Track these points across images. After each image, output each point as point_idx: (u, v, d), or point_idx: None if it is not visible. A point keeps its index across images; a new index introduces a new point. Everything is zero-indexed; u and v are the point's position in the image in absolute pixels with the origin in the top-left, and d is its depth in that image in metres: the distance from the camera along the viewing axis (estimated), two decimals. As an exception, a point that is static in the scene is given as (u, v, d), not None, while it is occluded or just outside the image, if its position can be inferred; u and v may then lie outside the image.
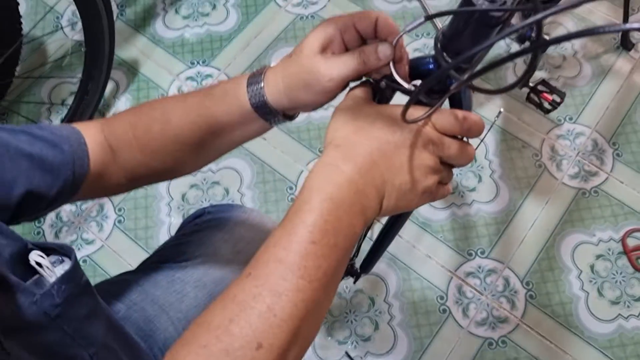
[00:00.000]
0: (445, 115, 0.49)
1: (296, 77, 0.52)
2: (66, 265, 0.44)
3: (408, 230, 1.29)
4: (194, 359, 0.40)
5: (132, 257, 1.27)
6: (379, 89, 0.53)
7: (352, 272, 1.00)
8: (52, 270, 0.43)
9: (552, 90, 1.42)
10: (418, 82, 0.52)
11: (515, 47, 1.49)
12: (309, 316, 0.43)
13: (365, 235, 0.90)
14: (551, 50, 1.48)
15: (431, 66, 0.53)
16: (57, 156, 0.56)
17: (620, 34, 1.49)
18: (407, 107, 0.45)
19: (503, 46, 1.49)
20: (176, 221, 1.30)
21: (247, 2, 1.55)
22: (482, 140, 0.54)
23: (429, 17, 0.47)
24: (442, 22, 0.49)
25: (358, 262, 0.98)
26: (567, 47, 1.49)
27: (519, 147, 1.38)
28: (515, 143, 1.38)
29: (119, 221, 1.31)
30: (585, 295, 1.23)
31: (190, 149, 0.60)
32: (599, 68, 1.46)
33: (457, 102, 0.56)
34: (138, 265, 0.81)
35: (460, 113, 0.50)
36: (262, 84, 0.53)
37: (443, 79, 0.51)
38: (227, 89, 0.56)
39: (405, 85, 0.51)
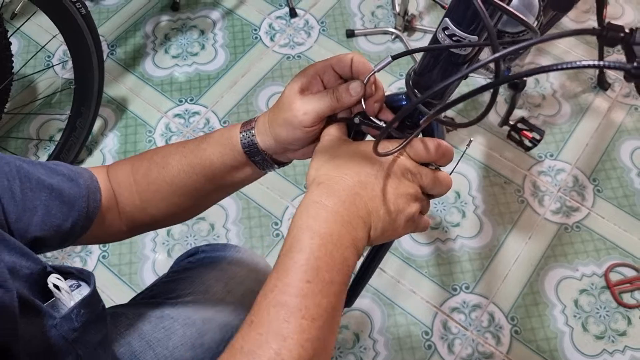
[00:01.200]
0: (417, 144, 0.51)
1: (278, 115, 0.55)
2: (84, 289, 0.44)
3: (392, 265, 1.29)
4: None
5: (115, 293, 1.26)
6: (353, 125, 0.55)
7: None
8: (70, 294, 0.43)
9: (532, 128, 1.45)
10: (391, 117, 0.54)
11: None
12: (317, 354, 0.43)
13: None
14: (531, 89, 1.53)
15: (403, 102, 0.56)
16: (73, 188, 0.58)
17: (597, 73, 1.53)
18: (377, 141, 0.47)
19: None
20: (161, 257, 1.30)
21: (235, 43, 1.59)
22: (453, 170, 0.56)
23: (395, 57, 0.50)
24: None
25: None
26: (546, 86, 1.54)
27: (502, 183, 1.40)
28: (497, 179, 1.40)
29: (103, 256, 1.31)
30: (570, 330, 1.23)
31: (185, 194, 0.61)
32: (577, 107, 1.51)
33: (430, 136, 0.59)
34: (129, 300, 0.81)
35: (430, 141, 0.51)
36: (254, 129, 0.57)
37: (415, 114, 0.54)
38: (222, 133, 0.59)
39: (376, 121, 0.53)
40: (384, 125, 0.53)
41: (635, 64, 0.35)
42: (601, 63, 0.34)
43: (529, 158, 1.43)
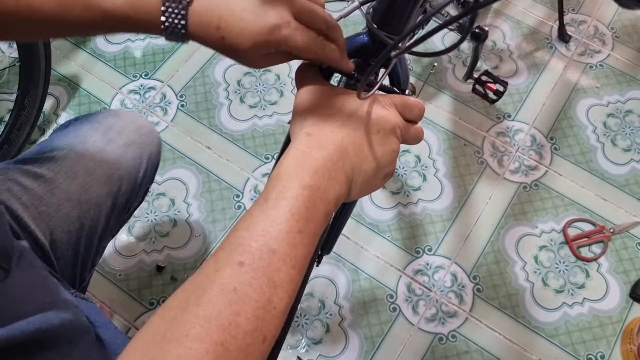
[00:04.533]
0: (409, 101, 0.51)
1: (233, 32, 0.47)
2: None
3: (356, 231, 1.30)
4: (213, 358, 0.37)
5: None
6: (320, 71, 0.54)
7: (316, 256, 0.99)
8: None
9: (495, 80, 1.46)
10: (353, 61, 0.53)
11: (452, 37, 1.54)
12: (293, 302, 0.43)
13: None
14: (488, 51, 1.53)
15: (365, 38, 0.55)
16: None
17: (558, 26, 1.54)
18: (361, 87, 0.47)
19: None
20: (123, 236, 1.28)
21: (189, 15, 1.55)
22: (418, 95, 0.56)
23: (362, 2, 0.50)
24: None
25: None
26: (503, 48, 1.54)
27: (461, 145, 1.41)
28: (457, 142, 1.41)
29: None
30: (531, 285, 1.26)
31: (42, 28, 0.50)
32: (534, 67, 1.52)
33: (395, 75, 0.58)
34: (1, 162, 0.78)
35: (416, 100, 0.51)
36: (186, 17, 0.47)
37: (379, 52, 0.53)
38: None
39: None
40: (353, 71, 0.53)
41: None
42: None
43: (488, 120, 1.44)
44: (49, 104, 1.41)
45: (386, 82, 0.57)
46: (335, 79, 0.60)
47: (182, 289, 0.40)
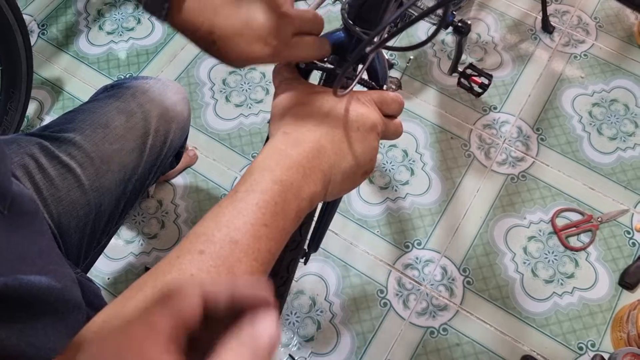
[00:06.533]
0: (388, 98, 0.51)
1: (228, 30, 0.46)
2: None
3: (344, 227, 1.29)
4: None
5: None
6: (298, 70, 0.54)
7: (302, 253, 0.98)
8: None
9: (480, 73, 1.46)
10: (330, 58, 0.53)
11: (432, 29, 1.54)
12: None
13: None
14: (473, 44, 1.53)
15: (342, 35, 0.55)
16: None
17: (542, 17, 1.54)
18: (337, 84, 0.46)
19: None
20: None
21: (172, 15, 1.54)
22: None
23: None
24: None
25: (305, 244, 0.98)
26: (487, 40, 1.54)
27: (448, 138, 1.41)
28: (444, 135, 1.41)
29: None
30: (520, 276, 1.26)
31: None
32: (518, 58, 1.52)
33: (373, 70, 0.58)
34: (28, 133, 0.80)
35: (396, 95, 0.51)
36: None
37: (359, 49, 0.53)
38: None
39: (323, 64, 0.52)
40: (330, 66, 0.52)
41: None
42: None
43: (474, 112, 1.44)
44: (32, 108, 1.40)
45: (366, 77, 0.57)
46: (315, 77, 0.59)
47: (146, 273, 0.40)
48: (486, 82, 1.36)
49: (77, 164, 0.76)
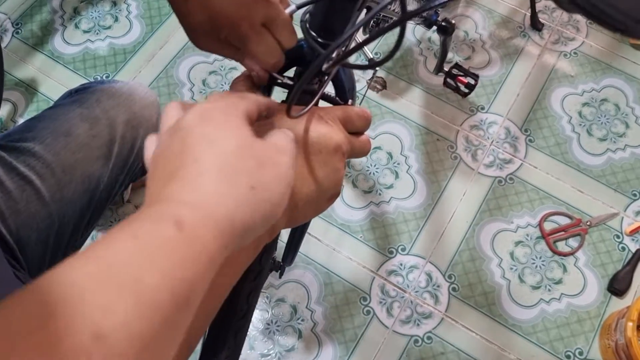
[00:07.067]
0: (352, 114, 0.46)
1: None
2: None
3: (327, 233, 1.26)
4: None
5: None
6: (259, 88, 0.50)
7: (276, 267, 0.95)
8: None
9: (466, 73, 1.42)
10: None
11: (420, 31, 1.50)
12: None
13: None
14: (460, 42, 1.49)
15: (305, 45, 0.51)
16: None
17: (530, 14, 1.50)
18: (290, 103, 0.41)
19: (413, 39, 1.49)
20: (84, 245, 1.24)
21: (151, 13, 1.50)
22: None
23: (300, 6, 0.45)
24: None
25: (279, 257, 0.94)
26: (475, 38, 1.50)
27: (434, 140, 1.37)
28: (430, 137, 1.37)
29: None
30: (507, 282, 1.23)
31: None
32: (507, 57, 1.48)
33: (339, 83, 0.54)
34: None
35: (361, 110, 0.47)
36: None
37: (312, 68, 0.48)
38: None
39: (281, 78, 0.48)
40: (289, 81, 0.48)
41: None
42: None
43: (461, 113, 1.40)
44: (5, 110, 1.36)
45: (331, 90, 0.53)
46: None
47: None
48: (472, 82, 1.33)
49: (37, 175, 0.72)
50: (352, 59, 1.45)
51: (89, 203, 0.78)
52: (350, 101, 0.51)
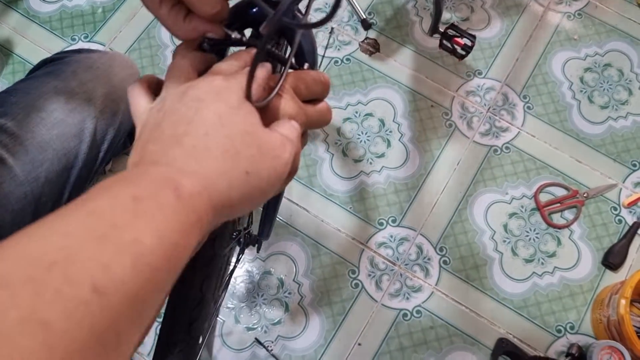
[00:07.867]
0: (304, 80, 0.40)
1: None
2: None
3: (315, 204, 1.22)
4: None
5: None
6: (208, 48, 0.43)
7: (253, 241, 0.91)
8: None
9: (462, 34, 1.34)
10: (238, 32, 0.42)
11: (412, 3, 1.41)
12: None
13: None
14: (458, 0, 1.41)
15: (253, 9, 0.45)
16: None
17: (528, -20, 1.42)
18: (249, 85, 0.35)
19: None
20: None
21: (132, -33, 1.41)
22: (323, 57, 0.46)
23: None
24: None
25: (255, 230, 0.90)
26: (474, -3, 1.42)
27: (428, 107, 1.31)
28: (424, 103, 1.32)
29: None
30: (500, 255, 1.20)
31: None
32: (507, 18, 1.40)
33: (299, 48, 0.48)
34: None
35: (317, 74, 0.41)
36: None
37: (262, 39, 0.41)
38: None
39: (232, 34, 0.40)
40: (238, 36, 0.40)
41: None
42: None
43: (458, 78, 1.34)
44: (-22, 73, 1.29)
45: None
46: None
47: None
48: (469, 43, 1.26)
49: (9, 153, 0.67)
50: (341, 19, 1.38)
51: (66, 182, 0.73)
52: (306, 65, 0.44)
